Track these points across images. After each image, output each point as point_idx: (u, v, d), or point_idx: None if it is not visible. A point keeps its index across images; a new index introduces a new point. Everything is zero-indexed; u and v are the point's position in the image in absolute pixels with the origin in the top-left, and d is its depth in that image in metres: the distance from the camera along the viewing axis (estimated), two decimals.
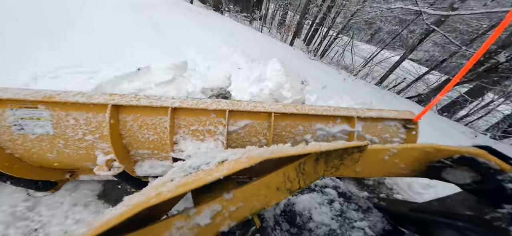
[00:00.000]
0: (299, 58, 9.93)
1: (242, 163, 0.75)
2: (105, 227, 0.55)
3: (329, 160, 1.08)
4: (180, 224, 0.75)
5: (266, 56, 6.29)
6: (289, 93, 3.26)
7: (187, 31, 6.89)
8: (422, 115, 2.04)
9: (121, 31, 4.97)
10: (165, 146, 1.70)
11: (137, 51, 4.36)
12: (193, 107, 1.66)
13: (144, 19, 6.43)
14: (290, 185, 0.95)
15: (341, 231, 1.30)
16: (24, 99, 1.40)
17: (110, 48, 4.04)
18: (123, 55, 3.96)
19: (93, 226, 0.56)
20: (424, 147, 1.11)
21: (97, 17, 5.04)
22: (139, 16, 6.44)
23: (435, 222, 1.16)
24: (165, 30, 6.22)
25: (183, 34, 6.42)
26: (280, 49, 9.74)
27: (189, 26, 7.45)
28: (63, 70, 2.99)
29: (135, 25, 5.67)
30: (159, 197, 0.62)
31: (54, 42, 3.49)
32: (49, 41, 3.44)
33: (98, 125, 1.53)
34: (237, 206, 0.84)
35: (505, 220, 0.87)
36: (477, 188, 1.00)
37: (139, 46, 4.63)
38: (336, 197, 1.52)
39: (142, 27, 5.77)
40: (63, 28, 3.95)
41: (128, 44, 4.51)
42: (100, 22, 4.88)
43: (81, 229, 0.57)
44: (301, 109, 1.86)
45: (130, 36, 4.96)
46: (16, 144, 1.49)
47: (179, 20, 7.78)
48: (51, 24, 3.88)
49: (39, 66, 2.84)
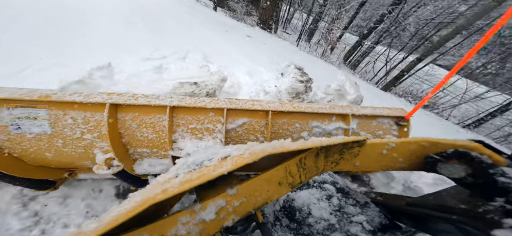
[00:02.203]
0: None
1: (245, 158, 0.76)
2: (115, 223, 0.56)
3: (329, 155, 1.10)
4: (186, 219, 0.76)
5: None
6: (352, 89, 3.33)
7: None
8: (414, 113, 2.10)
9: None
10: (164, 144, 1.70)
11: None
12: (192, 106, 1.66)
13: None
14: (291, 179, 0.97)
15: (340, 226, 1.32)
16: (20, 98, 1.38)
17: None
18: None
19: (103, 222, 0.57)
20: (420, 140, 1.13)
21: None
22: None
23: (430, 216, 1.19)
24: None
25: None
26: (324, 69, 8.31)
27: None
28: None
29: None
30: (165, 193, 0.63)
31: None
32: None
33: (96, 124, 1.52)
34: (241, 201, 0.85)
35: (497, 213, 0.90)
36: (470, 181, 1.03)
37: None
38: (335, 192, 1.55)
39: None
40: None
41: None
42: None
43: (92, 224, 0.58)
44: (298, 107, 1.89)
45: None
46: (14, 144, 1.47)
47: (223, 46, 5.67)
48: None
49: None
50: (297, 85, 3.17)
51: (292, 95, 3.17)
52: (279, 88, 3.22)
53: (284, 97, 3.19)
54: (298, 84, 3.18)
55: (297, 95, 3.20)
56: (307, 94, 3.31)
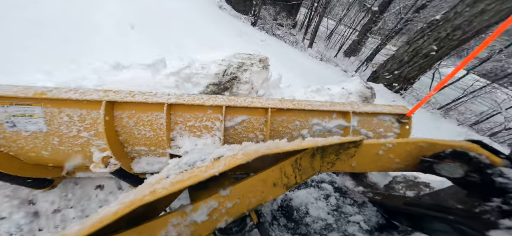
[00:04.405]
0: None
1: (238, 159, 0.75)
2: (98, 225, 0.54)
3: (325, 155, 1.08)
4: (177, 221, 0.75)
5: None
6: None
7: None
8: (415, 110, 2.07)
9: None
10: (162, 142, 1.69)
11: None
12: (190, 103, 1.64)
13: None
14: (286, 180, 0.95)
15: (337, 225, 1.32)
16: (14, 96, 1.37)
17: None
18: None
19: (86, 224, 0.56)
20: (417, 141, 1.12)
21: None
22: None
23: (427, 216, 1.18)
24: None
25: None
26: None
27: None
28: None
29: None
30: (153, 195, 0.62)
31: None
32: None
33: (92, 121, 1.51)
34: (234, 202, 0.84)
35: (494, 213, 0.89)
36: (468, 181, 1.02)
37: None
38: (332, 192, 1.54)
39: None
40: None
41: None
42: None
43: (75, 226, 0.57)
44: (298, 104, 1.86)
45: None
46: (9, 142, 1.47)
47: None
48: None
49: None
50: (365, 90, 3.38)
51: (362, 98, 3.35)
52: (349, 90, 3.35)
53: (354, 98, 3.36)
54: (365, 89, 3.39)
55: (366, 99, 3.40)
56: (373, 99, 3.47)
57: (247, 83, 3.17)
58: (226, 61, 3.05)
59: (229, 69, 3.03)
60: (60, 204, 1.85)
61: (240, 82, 3.14)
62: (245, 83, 3.16)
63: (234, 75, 3.07)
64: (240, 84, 3.15)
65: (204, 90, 2.95)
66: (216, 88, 3.01)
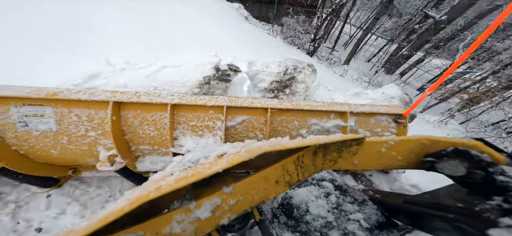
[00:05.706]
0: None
1: (241, 156, 0.77)
2: (105, 221, 0.56)
3: (328, 153, 1.09)
4: (181, 217, 0.77)
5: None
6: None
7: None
8: (412, 111, 2.08)
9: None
10: (165, 141, 1.73)
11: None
12: (192, 103, 1.69)
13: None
14: (289, 178, 0.96)
15: (337, 224, 1.33)
16: (27, 97, 1.42)
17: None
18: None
19: (93, 220, 0.58)
20: (420, 138, 1.11)
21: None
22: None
23: (427, 214, 1.19)
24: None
25: None
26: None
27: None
28: None
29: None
30: (158, 191, 0.64)
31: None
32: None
33: (100, 121, 1.56)
34: (237, 199, 0.86)
35: (494, 212, 0.89)
36: (469, 180, 1.01)
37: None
38: (333, 190, 1.55)
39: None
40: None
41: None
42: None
43: (83, 222, 0.59)
44: (296, 105, 1.90)
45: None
46: (20, 141, 1.53)
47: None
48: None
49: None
50: (404, 96, 3.59)
51: (403, 102, 3.50)
52: (391, 95, 3.55)
53: (396, 102, 3.52)
54: (404, 95, 3.60)
55: (406, 104, 3.55)
56: (410, 104, 3.59)
57: (303, 82, 3.60)
58: (283, 63, 3.51)
59: (288, 69, 3.44)
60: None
61: (297, 81, 3.54)
62: (301, 82, 3.58)
63: (292, 75, 3.48)
64: (297, 83, 3.56)
65: (268, 87, 3.36)
66: (278, 85, 3.42)
